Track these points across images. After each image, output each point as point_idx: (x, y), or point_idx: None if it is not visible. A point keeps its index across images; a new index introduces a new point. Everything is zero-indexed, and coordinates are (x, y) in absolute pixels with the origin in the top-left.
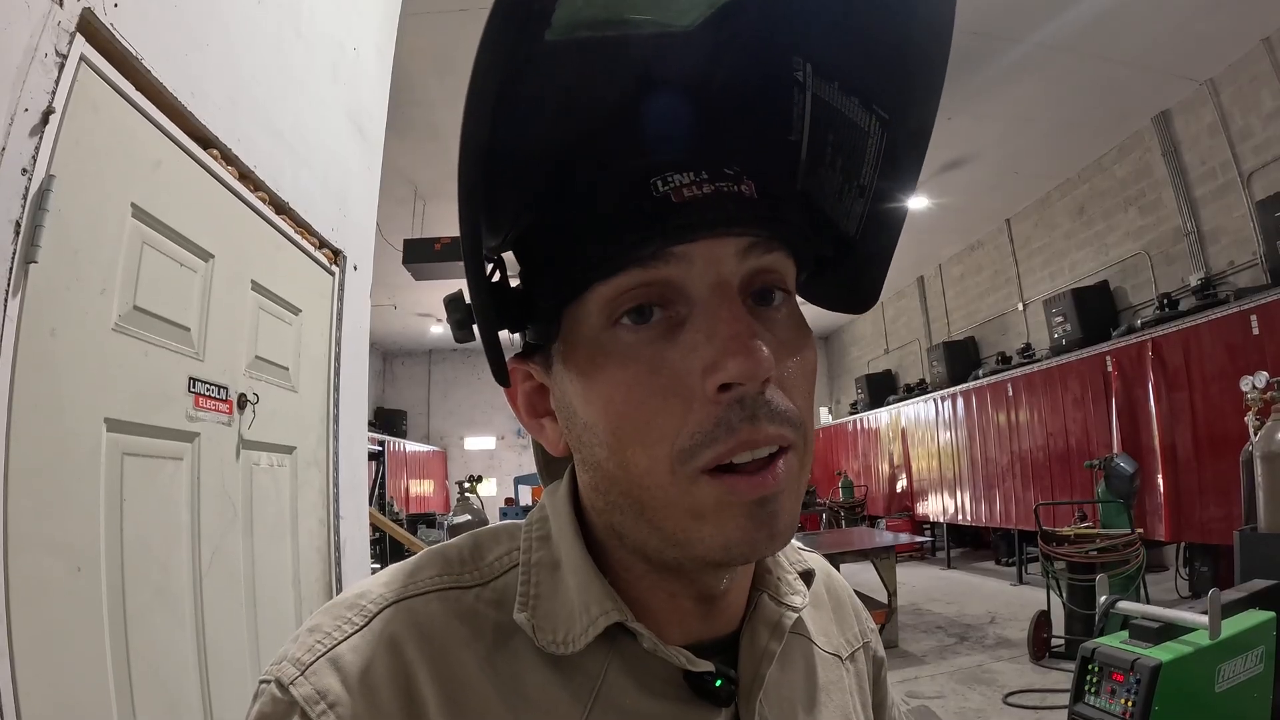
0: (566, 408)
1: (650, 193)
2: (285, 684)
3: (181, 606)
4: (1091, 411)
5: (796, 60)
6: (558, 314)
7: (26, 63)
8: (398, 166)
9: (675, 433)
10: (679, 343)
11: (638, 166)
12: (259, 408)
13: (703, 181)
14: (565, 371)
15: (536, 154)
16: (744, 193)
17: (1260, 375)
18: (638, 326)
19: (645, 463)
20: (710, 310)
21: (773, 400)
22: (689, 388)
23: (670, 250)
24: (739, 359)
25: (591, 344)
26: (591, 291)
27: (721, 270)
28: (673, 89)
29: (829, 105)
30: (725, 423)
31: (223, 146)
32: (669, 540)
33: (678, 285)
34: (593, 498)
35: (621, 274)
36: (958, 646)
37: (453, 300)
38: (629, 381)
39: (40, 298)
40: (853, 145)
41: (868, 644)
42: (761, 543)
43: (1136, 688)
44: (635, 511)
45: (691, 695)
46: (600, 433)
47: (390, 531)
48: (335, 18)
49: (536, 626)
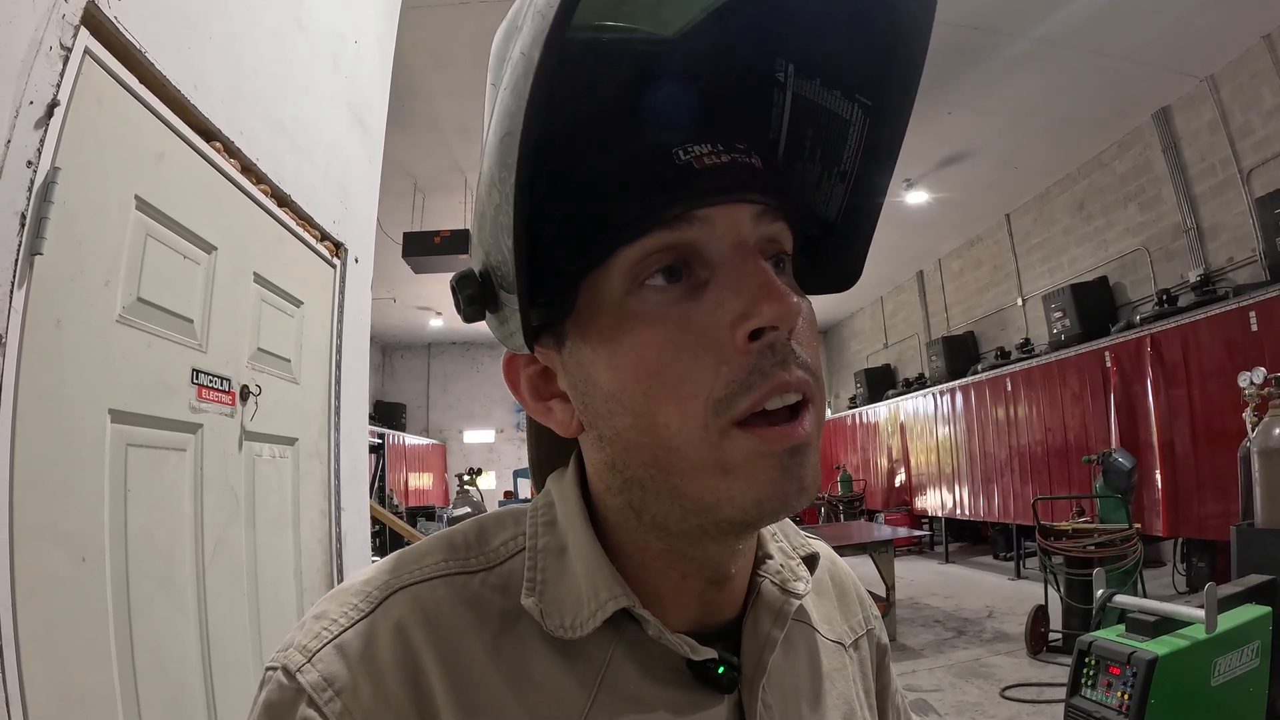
0: (584, 381)
1: (673, 160)
2: (292, 671)
3: (185, 596)
4: (1090, 407)
5: (779, 61)
6: (575, 285)
7: (31, 56)
8: (398, 160)
9: (709, 386)
10: (704, 300)
11: (660, 138)
12: (261, 399)
13: (720, 151)
14: (584, 343)
15: (552, 138)
16: (755, 164)
17: (1258, 371)
18: (664, 288)
19: (678, 420)
20: (735, 266)
21: (797, 349)
22: (719, 342)
23: (694, 213)
24: (771, 303)
25: (616, 309)
26: (616, 256)
27: (741, 231)
28: (671, 80)
29: (809, 101)
30: (759, 369)
31: (225, 139)
32: (693, 506)
33: (699, 248)
34: (608, 478)
35: (647, 236)
36: (955, 640)
37: (464, 277)
38: (660, 340)
39: (45, 289)
40: (833, 135)
41: (871, 631)
42: (792, 495)
43: (1133, 681)
44: (659, 480)
45: (695, 682)
46: (627, 399)
47: (390, 524)
48: (336, 10)
49: (544, 611)
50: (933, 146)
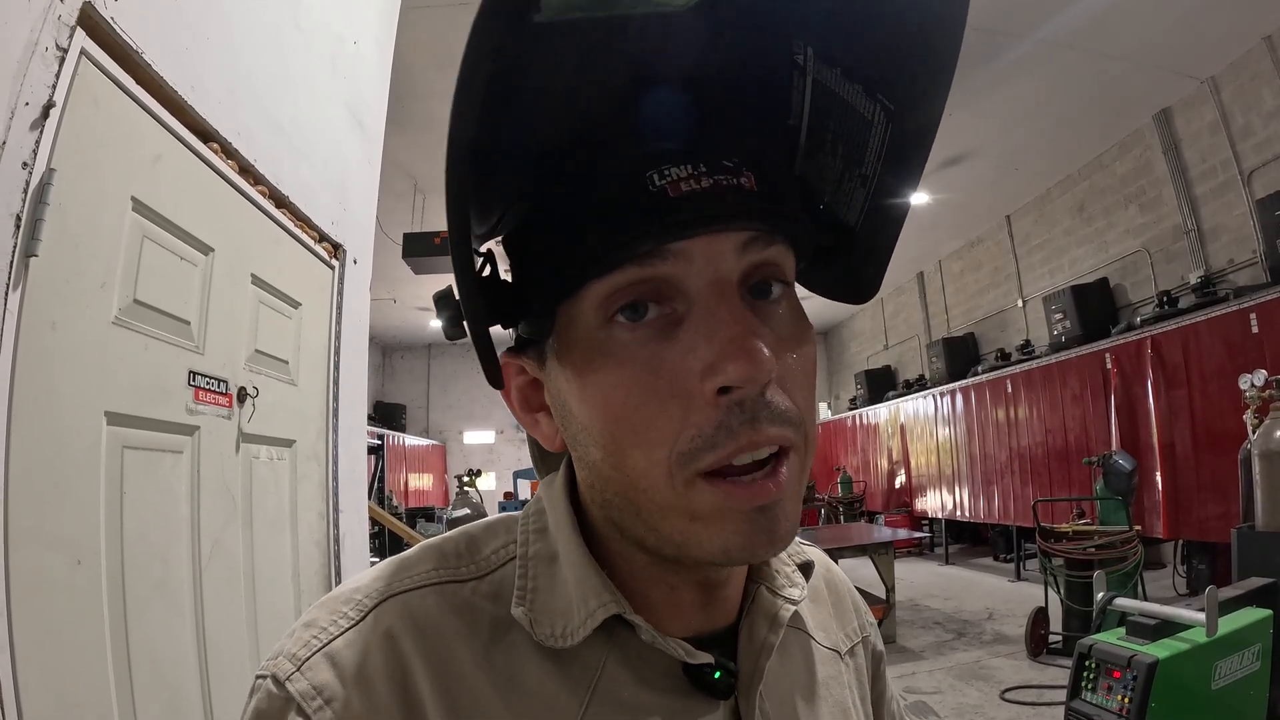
0: (561, 405)
1: (646, 187)
2: (281, 680)
3: (181, 599)
4: (1090, 408)
5: (797, 44)
6: (552, 310)
7: (27, 57)
8: (397, 160)
9: (674, 436)
10: (677, 341)
11: (633, 158)
12: (259, 401)
13: (700, 175)
14: (560, 368)
15: (529, 143)
16: (743, 185)
17: (1259, 373)
18: (634, 324)
19: (643, 465)
20: (709, 309)
21: (773, 401)
22: (688, 389)
23: (667, 247)
24: (739, 362)
25: (587, 342)
26: (587, 289)
27: (720, 267)
28: (668, 76)
29: (830, 91)
30: (725, 426)
31: (223, 140)
32: (665, 541)
33: (675, 282)
34: (590, 493)
35: (617, 271)
36: (955, 642)
37: (443, 296)
38: (627, 383)
39: (41, 291)
40: (855, 133)
41: (867, 638)
42: (761, 547)
43: (1133, 684)
44: (633, 512)
45: (690, 688)
46: (596, 434)
47: (389, 525)
48: (334, 11)
49: (534, 620)
50: (934, 147)
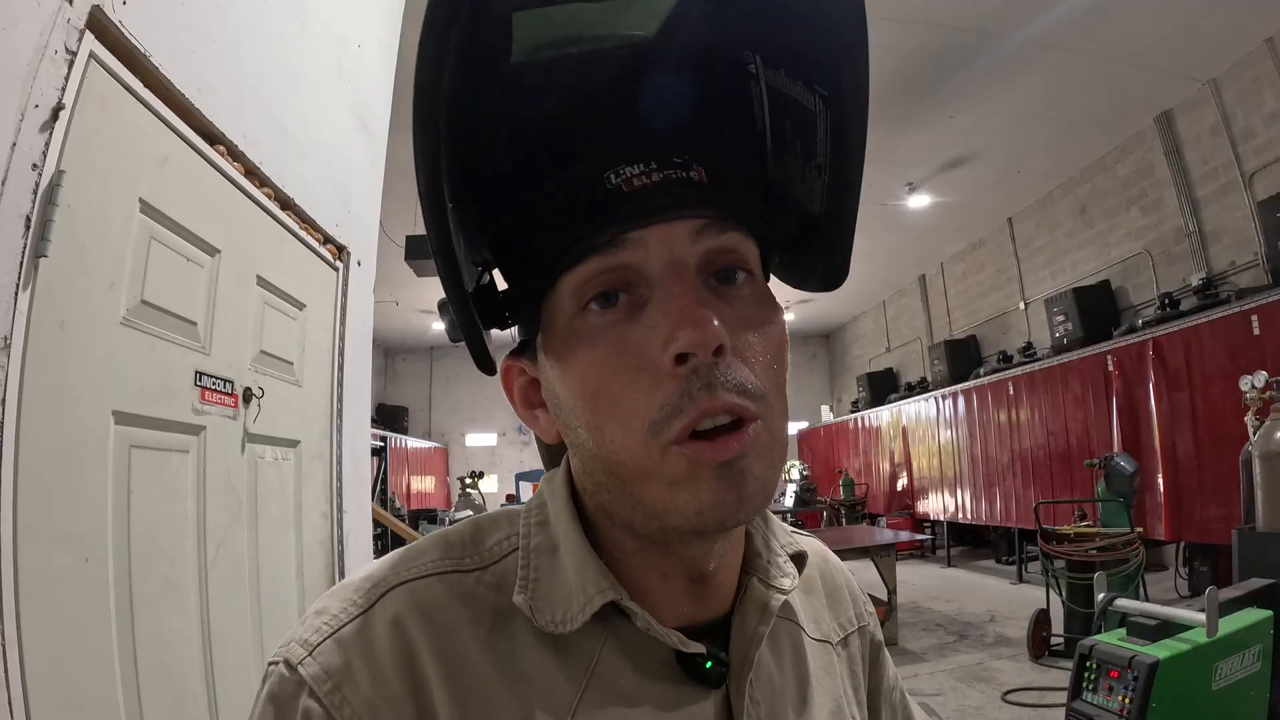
0: (552, 395)
1: (604, 185)
2: (294, 664)
3: (187, 598)
4: (1092, 410)
5: (747, 53)
6: (537, 307)
7: (37, 59)
8: (401, 163)
9: (646, 407)
10: (641, 322)
11: (592, 163)
12: (264, 401)
13: (651, 171)
14: (546, 359)
15: (505, 164)
16: (693, 178)
17: (1259, 375)
18: (604, 310)
19: (620, 437)
20: (666, 288)
21: (729, 371)
22: (654, 363)
23: (625, 236)
24: (687, 329)
25: (565, 331)
26: (561, 282)
27: (675, 251)
28: (626, 90)
29: (780, 92)
30: (687, 392)
31: (229, 142)
32: (649, 513)
33: (638, 269)
34: (584, 480)
35: (584, 263)
36: (957, 644)
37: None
38: (599, 361)
39: (50, 291)
40: (806, 126)
41: (864, 627)
42: (730, 504)
43: (1134, 685)
44: (618, 487)
45: (683, 676)
46: (579, 413)
47: (392, 526)
48: (340, 14)
49: (535, 607)
50: (935, 150)
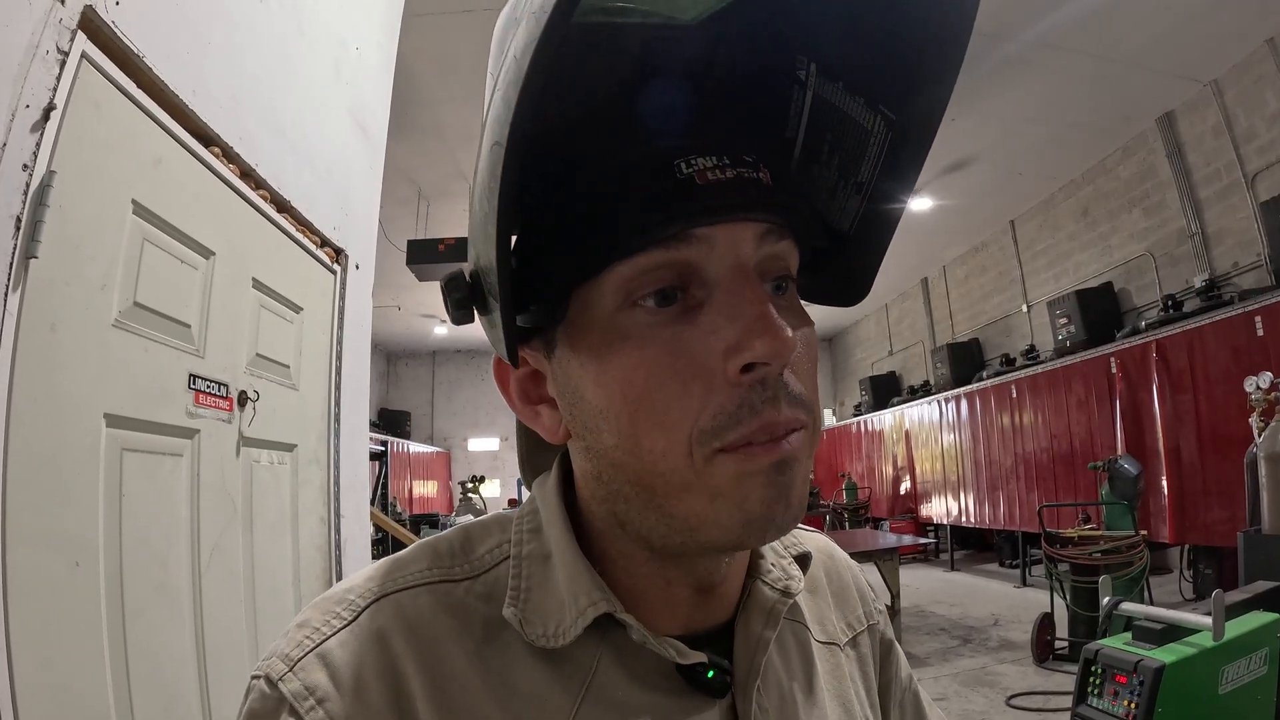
0: (572, 392)
1: (674, 174)
2: (274, 680)
3: (181, 603)
4: (1095, 413)
5: (800, 59)
6: (566, 294)
7: (28, 59)
8: (402, 167)
9: (696, 415)
10: (698, 324)
11: (662, 147)
12: (259, 405)
13: (725, 166)
14: (573, 355)
15: (553, 136)
16: (762, 179)
17: (1264, 376)
18: (658, 309)
19: (662, 445)
20: (733, 291)
21: (789, 383)
22: (709, 369)
23: (692, 232)
24: (765, 339)
25: (606, 326)
26: (609, 271)
27: (741, 253)
28: (689, 78)
29: (830, 104)
30: (748, 404)
31: (224, 144)
32: (678, 527)
33: (697, 268)
34: (593, 486)
35: (642, 254)
36: (961, 649)
37: (453, 279)
38: (648, 364)
39: (40, 293)
40: (852, 143)
41: (874, 625)
42: (779, 514)
43: (1140, 689)
44: (644, 498)
45: (685, 687)
46: (613, 417)
47: (392, 531)
48: (338, 16)
49: (525, 621)
50: (936, 152)
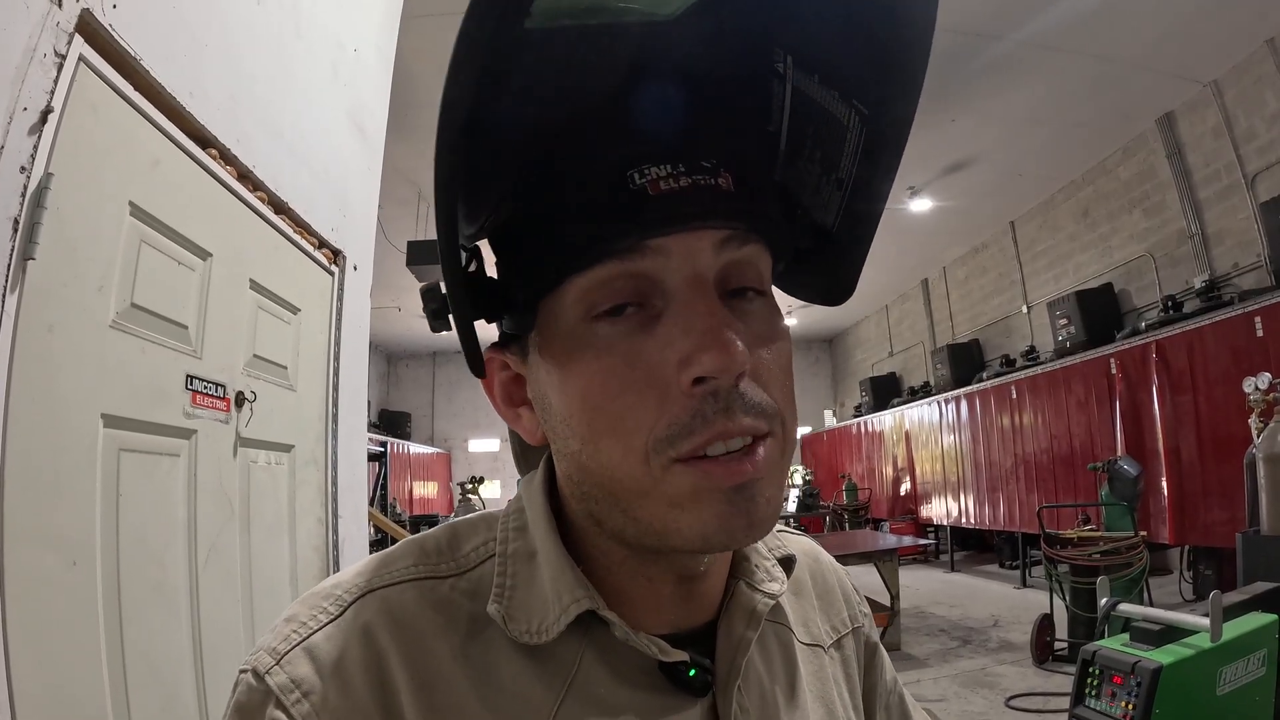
0: (542, 398)
1: (627, 185)
2: (261, 673)
3: (178, 603)
4: (1095, 414)
5: (777, 52)
6: (534, 305)
7: (25, 62)
8: (401, 169)
9: (651, 425)
10: (655, 335)
11: (615, 158)
12: (257, 406)
13: (679, 174)
14: (541, 362)
15: (516, 142)
16: (721, 185)
17: (1263, 377)
18: (614, 320)
19: (619, 454)
20: (686, 303)
21: (747, 392)
22: (664, 380)
23: (647, 244)
24: (713, 353)
25: (568, 336)
26: (568, 283)
27: (698, 264)
28: (652, 79)
29: (808, 98)
30: (700, 414)
31: (221, 146)
32: (645, 530)
33: (654, 278)
34: (570, 486)
35: (597, 266)
36: (960, 650)
37: (429, 290)
38: (604, 374)
39: (38, 294)
40: (832, 138)
41: (858, 629)
42: (739, 531)
43: (1137, 690)
44: (610, 501)
45: (667, 684)
46: (575, 424)
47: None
48: (335, 17)
49: (508, 617)
50: (936, 153)
